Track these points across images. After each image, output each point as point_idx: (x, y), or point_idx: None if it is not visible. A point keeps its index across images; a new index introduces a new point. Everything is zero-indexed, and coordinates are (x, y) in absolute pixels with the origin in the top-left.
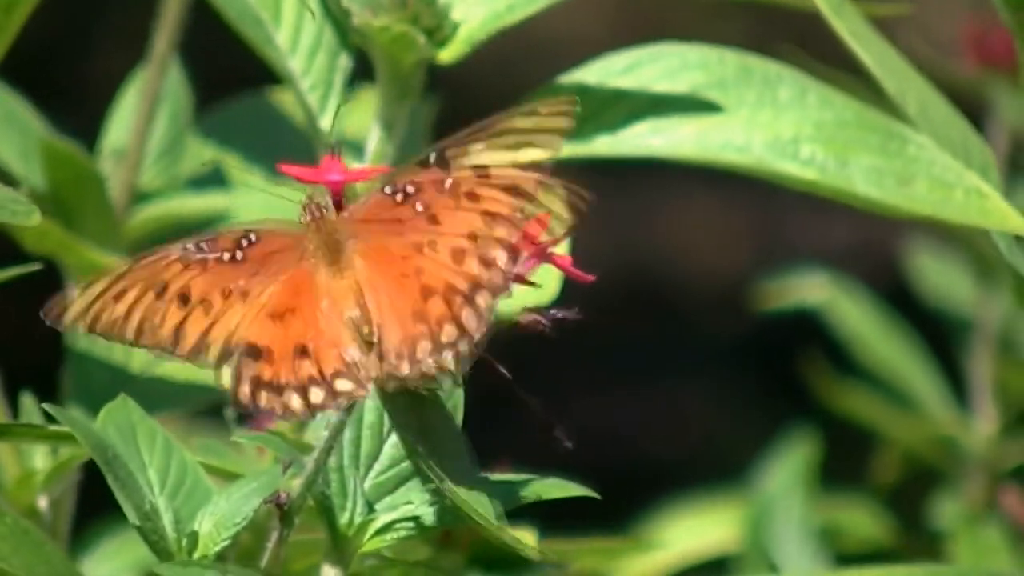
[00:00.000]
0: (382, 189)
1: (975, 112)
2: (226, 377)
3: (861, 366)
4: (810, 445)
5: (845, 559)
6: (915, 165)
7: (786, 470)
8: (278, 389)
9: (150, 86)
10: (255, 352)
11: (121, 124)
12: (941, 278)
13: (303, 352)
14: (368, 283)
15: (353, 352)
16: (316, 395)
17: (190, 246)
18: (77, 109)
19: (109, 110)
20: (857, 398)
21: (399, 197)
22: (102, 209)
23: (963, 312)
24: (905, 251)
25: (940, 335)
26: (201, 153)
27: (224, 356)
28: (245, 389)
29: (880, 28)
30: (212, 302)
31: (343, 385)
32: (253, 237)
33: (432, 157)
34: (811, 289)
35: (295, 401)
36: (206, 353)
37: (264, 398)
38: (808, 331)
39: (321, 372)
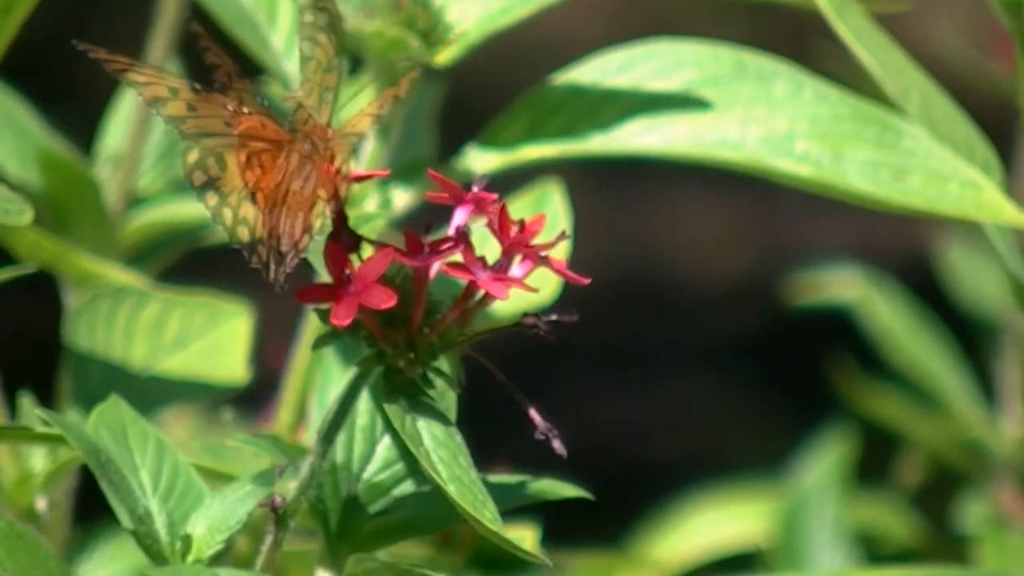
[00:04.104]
0: None
1: (1007, 111)
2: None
3: (881, 364)
4: (844, 444)
5: (872, 559)
6: (910, 158)
7: (820, 469)
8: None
9: None
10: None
11: (118, 128)
12: (970, 277)
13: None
14: None
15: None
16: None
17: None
18: (76, 110)
19: (107, 112)
20: (882, 399)
21: None
22: (98, 214)
23: (991, 312)
24: (915, 249)
25: (966, 334)
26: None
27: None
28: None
29: (906, 26)
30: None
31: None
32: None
33: None
34: (843, 285)
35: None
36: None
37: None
38: (812, 330)
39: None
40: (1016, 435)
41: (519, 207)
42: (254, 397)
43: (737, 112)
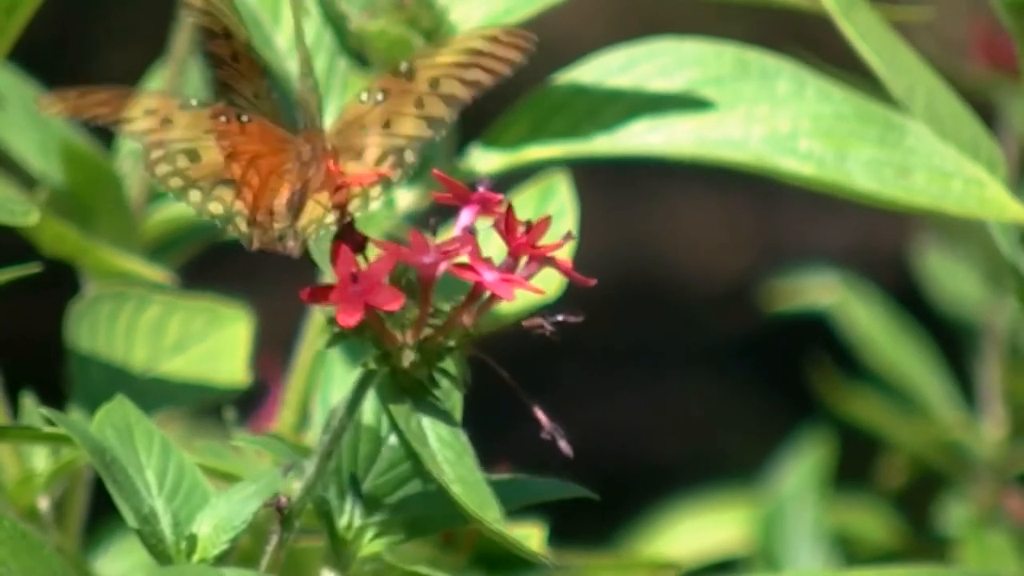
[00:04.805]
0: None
1: (984, 115)
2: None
3: (868, 367)
4: (823, 448)
5: (853, 562)
6: (914, 156)
7: (799, 472)
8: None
9: (169, 85)
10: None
11: None
12: (950, 280)
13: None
14: None
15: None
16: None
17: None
18: None
19: None
20: (864, 401)
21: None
22: (119, 208)
23: (972, 315)
24: (912, 251)
25: (947, 337)
26: None
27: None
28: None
29: (893, 30)
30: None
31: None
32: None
33: (405, 67)
34: (821, 290)
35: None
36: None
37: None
38: (812, 331)
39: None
40: (996, 437)
41: (525, 199)
42: (241, 402)
43: (740, 111)
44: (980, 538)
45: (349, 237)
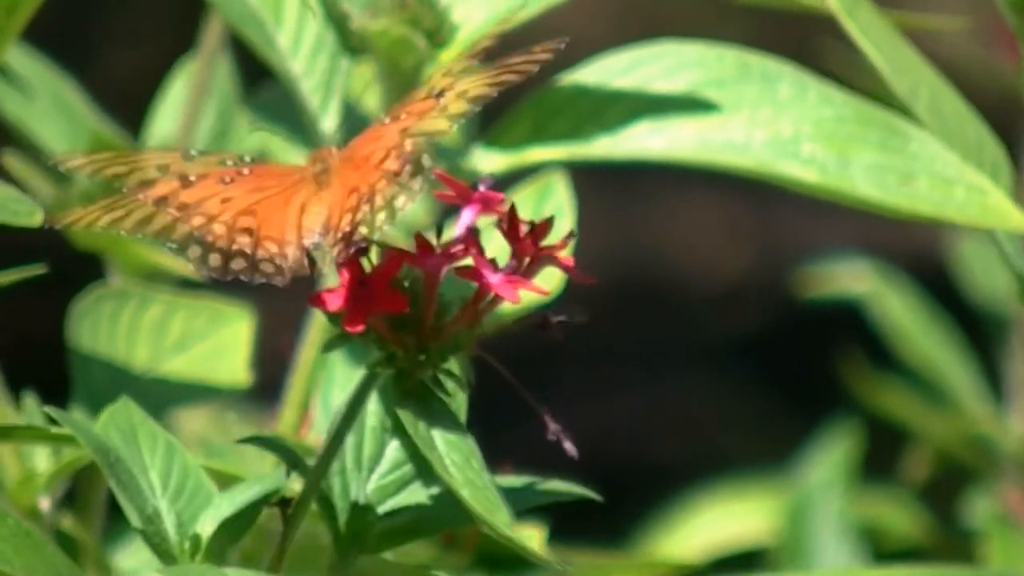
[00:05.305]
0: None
1: (1010, 107)
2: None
3: (890, 360)
4: (849, 440)
5: (879, 556)
6: (916, 162)
7: (825, 464)
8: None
9: (198, 79)
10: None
11: (167, 115)
12: (982, 272)
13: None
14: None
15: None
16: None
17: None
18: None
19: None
20: (890, 393)
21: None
22: None
23: (1000, 308)
24: (917, 249)
25: (974, 331)
26: (246, 141)
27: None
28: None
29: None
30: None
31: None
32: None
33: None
34: (852, 279)
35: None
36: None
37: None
38: (812, 331)
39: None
40: (1023, 431)
41: (523, 198)
42: (267, 392)
43: (743, 114)
44: (1006, 534)
45: (353, 241)
